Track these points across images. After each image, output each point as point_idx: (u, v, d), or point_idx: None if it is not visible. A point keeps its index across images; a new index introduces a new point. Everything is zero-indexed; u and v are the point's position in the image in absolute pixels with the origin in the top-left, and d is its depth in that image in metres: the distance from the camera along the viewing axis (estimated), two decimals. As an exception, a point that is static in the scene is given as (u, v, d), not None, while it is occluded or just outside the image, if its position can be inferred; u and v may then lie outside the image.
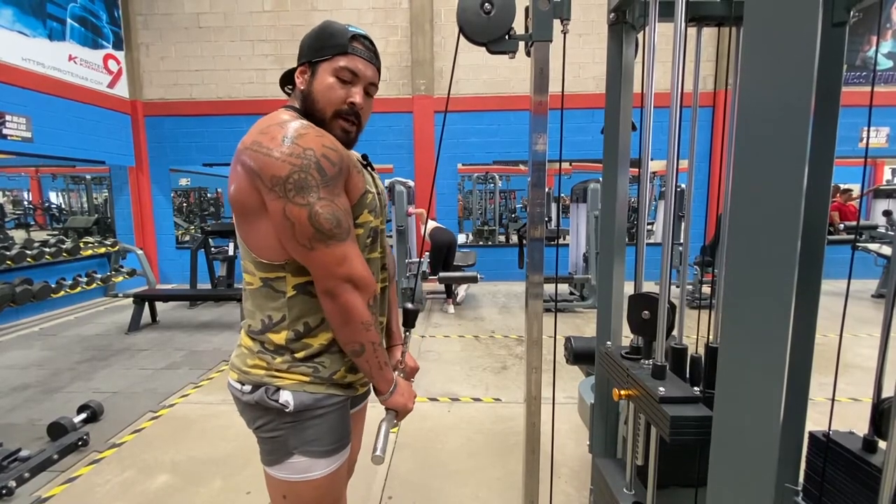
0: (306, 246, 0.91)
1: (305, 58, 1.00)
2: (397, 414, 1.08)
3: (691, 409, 0.89)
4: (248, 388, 0.99)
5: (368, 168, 1.12)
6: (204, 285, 6.34)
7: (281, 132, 0.90)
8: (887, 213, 6.24)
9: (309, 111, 1.01)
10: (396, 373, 1.13)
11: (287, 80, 1.07)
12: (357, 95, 0.99)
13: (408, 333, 1.28)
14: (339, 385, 1.03)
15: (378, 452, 0.98)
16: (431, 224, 5.69)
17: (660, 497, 1.08)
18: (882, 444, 0.89)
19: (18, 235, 7.37)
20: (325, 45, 0.99)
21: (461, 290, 5.60)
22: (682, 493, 1.11)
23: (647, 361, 1.05)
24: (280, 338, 0.99)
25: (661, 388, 0.92)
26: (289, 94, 1.07)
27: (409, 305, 1.25)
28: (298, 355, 0.99)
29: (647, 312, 1.02)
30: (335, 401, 1.02)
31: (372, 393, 1.24)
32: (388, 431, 1.02)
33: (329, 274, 0.93)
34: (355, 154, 1.09)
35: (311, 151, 0.89)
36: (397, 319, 1.30)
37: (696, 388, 1.22)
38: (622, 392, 1.05)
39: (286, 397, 0.97)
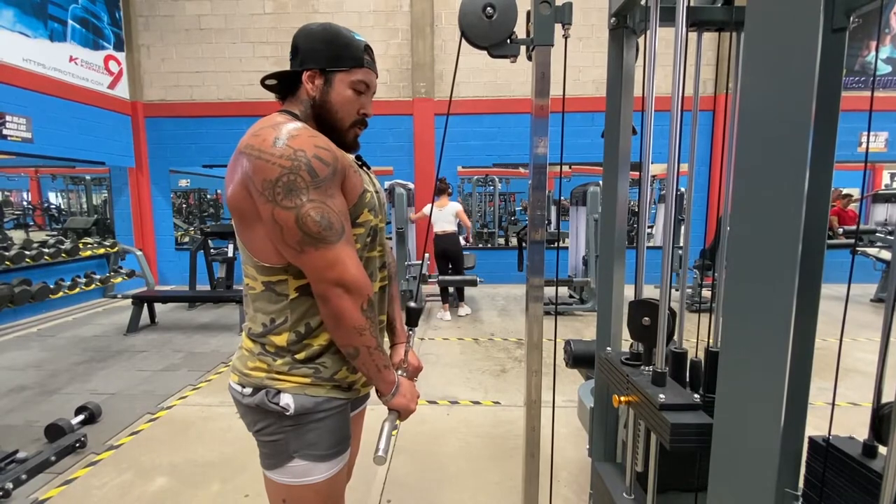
0: (296, 249, 0.90)
1: (316, 64, 0.99)
2: (400, 415, 1.08)
3: (691, 417, 0.89)
4: (248, 390, 0.99)
5: (364, 167, 1.12)
6: (203, 287, 6.32)
7: (273, 134, 0.89)
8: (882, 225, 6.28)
9: (323, 119, 1.02)
10: (400, 372, 1.13)
11: (275, 79, 1.04)
12: (369, 106, 1.07)
13: (411, 332, 1.27)
14: (339, 387, 1.03)
15: (380, 453, 0.97)
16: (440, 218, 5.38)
17: (659, 501, 1.07)
18: (882, 450, 0.89)
19: (17, 236, 7.37)
20: (340, 55, 0.99)
21: (463, 310, 5.51)
22: (682, 498, 1.11)
23: (647, 368, 1.05)
24: (282, 340, 0.98)
25: (662, 396, 0.92)
26: (274, 91, 1.06)
27: (412, 304, 1.24)
28: (299, 357, 0.98)
29: (647, 319, 1.02)
30: (336, 404, 1.02)
31: (373, 395, 1.24)
32: (390, 432, 1.02)
33: (319, 278, 0.91)
34: (349, 155, 1.10)
35: (302, 153, 0.88)
36: (401, 317, 1.29)
37: (696, 394, 1.22)
38: (622, 398, 1.05)
39: (287, 400, 0.96)
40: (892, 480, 0.70)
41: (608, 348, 1.28)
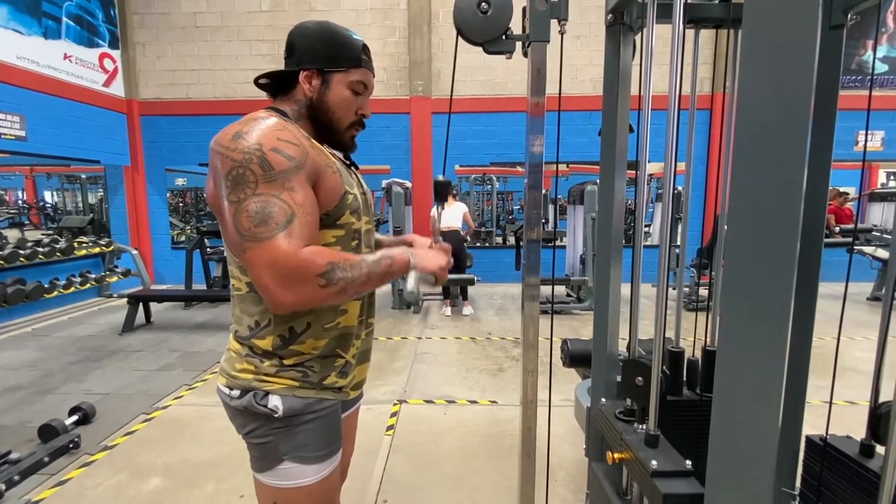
0: (237, 253, 0.86)
1: (313, 64, 0.97)
2: (436, 279, 1.03)
3: (684, 486, 0.88)
4: (236, 392, 0.97)
5: (352, 168, 1.10)
6: (199, 286, 6.29)
7: (237, 128, 0.87)
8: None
9: (319, 120, 1.00)
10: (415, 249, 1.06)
11: (268, 78, 1.02)
12: (367, 106, 1.05)
13: (440, 209, 1.22)
14: (329, 389, 1.01)
15: (409, 288, 0.96)
16: (451, 216, 5.47)
17: (656, 502, 1.07)
18: (880, 449, 0.89)
19: (12, 235, 7.32)
20: (338, 54, 0.98)
21: (466, 310, 5.58)
22: (679, 498, 1.10)
23: (640, 426, 1.03)
24: (266, 343, 0.96)
25: (654, 462, 0.90)
26: (266, 90, 1.05)
27: (441, 178, 1.17)
28: (287, 362, 0.96)
29: (640, 379, 1.01)
30: (325, 405, 1.00)
31: (367, 395, 1.22)
32: (416, 277, 0.97)
33: (261, 287, 0.84)
34: (336, 154, 1.08)
35: (257, 146, 0.84)
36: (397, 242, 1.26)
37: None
38: (615, 455, 1.03)
39: (275, 402, 0.94)
40: (890, 480, 0.70)
41: (603, 399, 1.27)
